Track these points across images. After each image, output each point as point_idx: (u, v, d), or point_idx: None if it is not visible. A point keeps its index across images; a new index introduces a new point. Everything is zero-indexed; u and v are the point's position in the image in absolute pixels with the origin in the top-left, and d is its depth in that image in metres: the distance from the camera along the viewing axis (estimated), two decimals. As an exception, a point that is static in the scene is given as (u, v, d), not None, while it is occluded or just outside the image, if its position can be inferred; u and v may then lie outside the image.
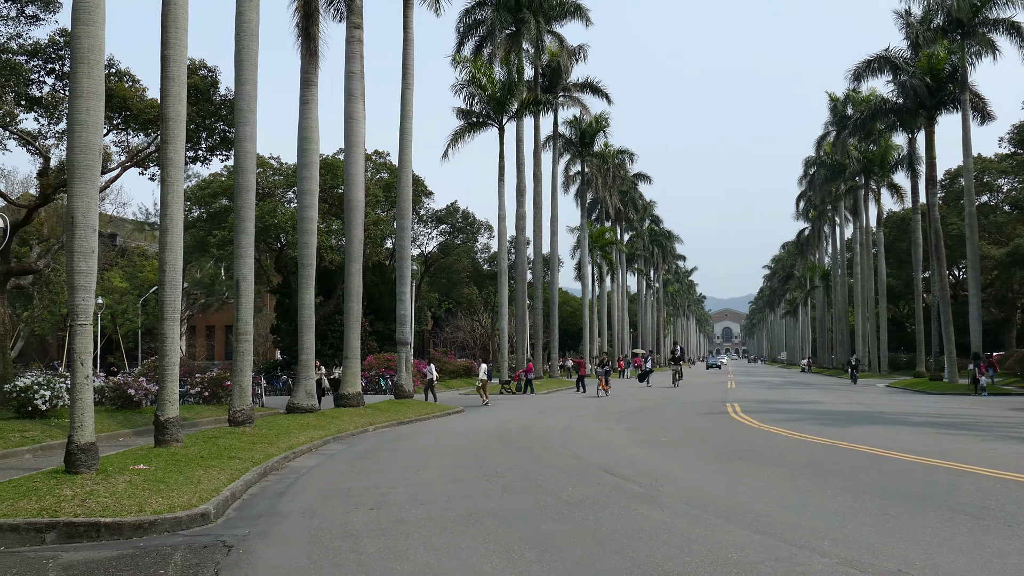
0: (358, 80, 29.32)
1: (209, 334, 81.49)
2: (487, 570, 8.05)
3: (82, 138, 13.24)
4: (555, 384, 53.63)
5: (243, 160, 22.03)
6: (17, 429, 19.84)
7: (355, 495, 12.42)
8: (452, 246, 68.98)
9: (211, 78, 28.13)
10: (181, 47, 17.25)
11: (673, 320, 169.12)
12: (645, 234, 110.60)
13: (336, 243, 48.29)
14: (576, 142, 72.59)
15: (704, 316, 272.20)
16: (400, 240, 34.97)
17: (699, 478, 13.55)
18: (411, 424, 25.98)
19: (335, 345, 44.58)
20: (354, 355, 28.90)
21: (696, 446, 18.25)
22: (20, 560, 9.03)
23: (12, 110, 26.79)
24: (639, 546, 8.83)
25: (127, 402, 25.76)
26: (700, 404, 32.66)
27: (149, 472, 12.87)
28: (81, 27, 13.29)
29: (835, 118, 76.33)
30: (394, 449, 18.74)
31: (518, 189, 55.45)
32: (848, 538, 9.00)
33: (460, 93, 51.41)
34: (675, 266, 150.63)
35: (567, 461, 15.86)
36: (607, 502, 11.35)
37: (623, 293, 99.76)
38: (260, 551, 9.11)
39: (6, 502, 10.59)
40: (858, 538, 9.01)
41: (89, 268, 13.18)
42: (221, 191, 47.55)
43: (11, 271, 26.95)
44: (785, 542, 8.89)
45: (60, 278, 50.70)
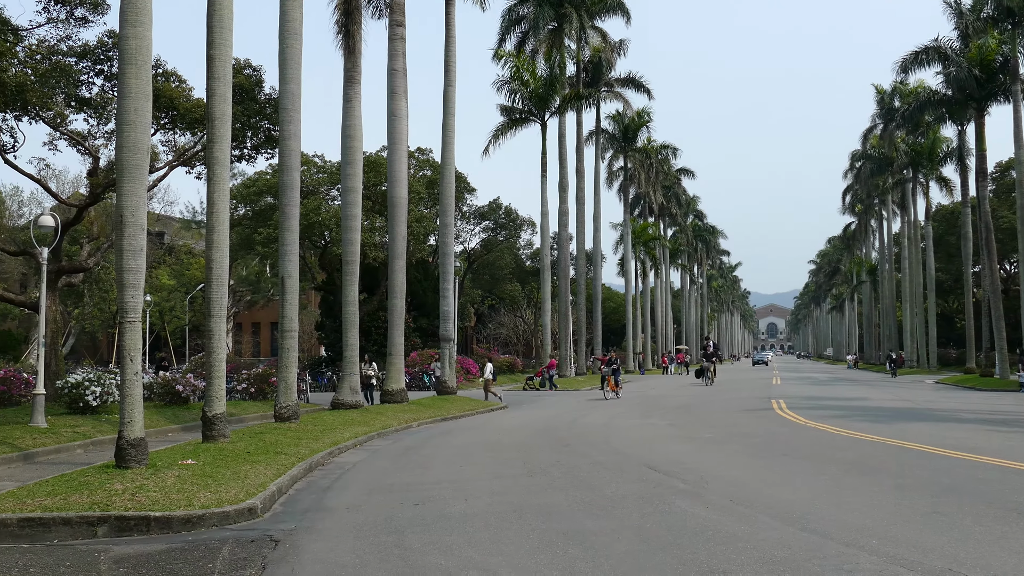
0: (400, 77, 29.44)
1: (255, 331, 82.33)
2: (531, 566, 8.05)
3: (130, 138, 13.43)
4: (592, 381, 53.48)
5: (287, 158, 22.22)
6: (69, 425, 20.18)
7: (399, 490, 12.49)
8: (495, 242, 69.02)
9: (256, 77, 28.37)
10: (226, 47, 17.44)
11: (717, 316, 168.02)
12: (689, 229, 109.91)
13: (380, 240, 48.54)
14: (619, 137, 72.30)
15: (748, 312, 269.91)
16: (443, 237, 35.08)
17: (744, 475, 13.45)
18: (454, 420, 26.06)
19: (379, 341, 44.83)
20: (398, 351, 29.05)
21: (740, 442, 18.11)
22: (73, 553, 9.19)
23: (63, 111, 27.23)
24: (684, 543, 8.79)
25: (175, 398, 26.11)
26: (744, 401, 32.42)
27: (197, 467, 13.03)
28: (129, 28, 13.48)
29: (882, 111, 75.31)
30: (438, 445, 18.81)
31: (560, 185, 55.35)
32: (896, 536, 8.89)
33: (502, 90, 51.46)
34: (719, 261, 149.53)
35: (610, 457, 15.82)
36: (651, 498, 11.31)
37: (666, 289, 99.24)
38: (306, 545, 9.19)
39: (59, 496, 10.78)
40: (907, 536, 8.89)
41: (138, 266, 13.37)
42: (266, 189, 47.98)
43: (62, 269, 27.42)
44: (832, 539, 8.80)
45: (109, 276, 51.51)
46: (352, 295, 26.62)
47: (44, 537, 9.87)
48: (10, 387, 24.56)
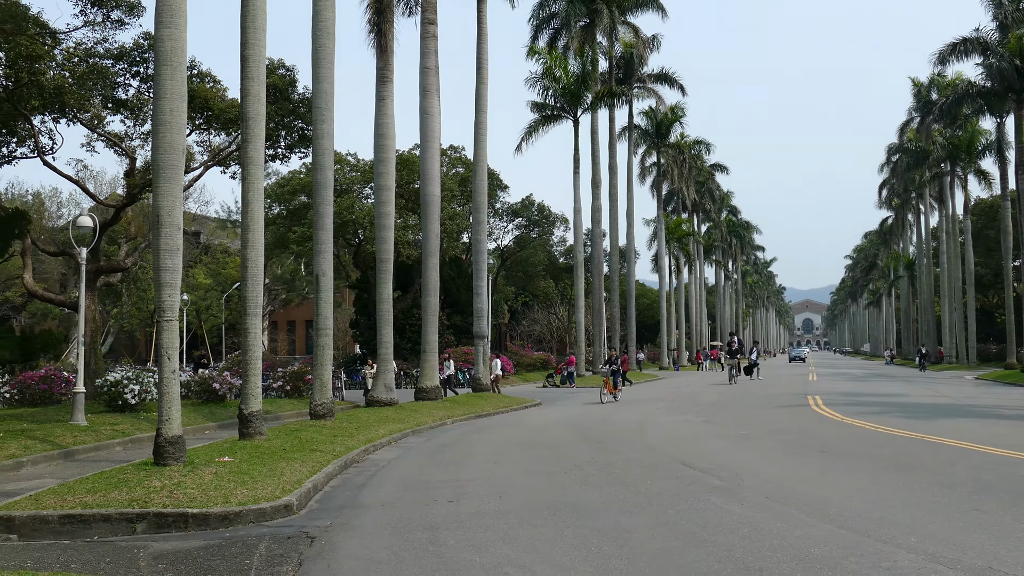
0: (433, 75, 29.50)
1: (290, 329, 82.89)
2: (566, 563, 8.05)
3: (166, 138, 13.57)
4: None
5: (321, 157, 22.33)
6: (108, 422, 20.44)
7: (434, 487, 12.53)
8: (528, 239, 69.00)
9: (289, 77, 28.55)
10: (260, 47, 17.55)
11: (752, 312, 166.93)
12: (723, 225, 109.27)
13: (413, 238, 48.71)
14: (651, 133, 72.02)
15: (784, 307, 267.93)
16: (476, 234, 35.12)
17: (780, 472, 13.36)
18: (489, 417, 26.09)
19: (413, 339, 44.97)
20: (432, 349, 29.13)
21: (776, 439, 17.99)
22: (112, 549, 9.30)
23: (100, 112, 27.57)
24: (719, 540, 8.74)
25: (212, 396, 26.36)
26: (780, 397, 32.19)
27: (234, 464, 13.14)
28: (164, 30, 13.61)
29: (918, 104, 74.45)
30: (472, 442, 18.84)
31: (593, 181, 55.24)
32: (935, 534, 8.79)
33: (534, 86, 51.44)
34: (754, 257, 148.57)
35: (644, 454, 15.77)
36: (686, 495, 11.26)
37: (701, 285, 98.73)
38: (342, 542, 9.25)
39: (99, 493, 10.92)
40: (946, 534, 8.79)
41: (174, 265, 13.50)
42: (300, 188, 48.29)
43: (101, 269, 27.76)
44: (869, 537, 8.71)
45: (147, 275, 52.12)
46: (386, 293, 26.73)
47: (84, 534, 10.00)
48: (51, 385, 24.94)
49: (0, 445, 16.33)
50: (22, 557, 8.92)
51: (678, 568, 7.76)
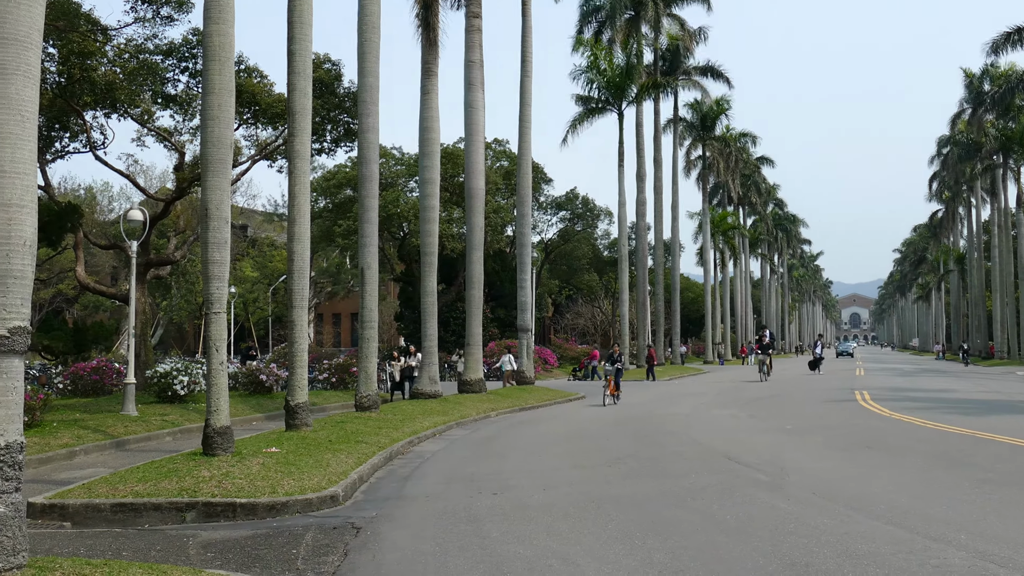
0: (477, 69, 29.52)
1: (335, 321, 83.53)
2: (610, 556, 8.05)
3: (214, 133, 13.73)
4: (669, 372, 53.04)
5: (366, 151, 22.46)
6: (158, 413, 20.76)
7: (478, 480, 12.57)
8: (572, 232, 68.88)
9: (335, 71, 28.72)
10: (306, 42, 17.69)
11: (798, 306, 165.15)
12: (768, 218, 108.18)
13: (457, 231, 48.84)
14: (697, 126, 71.47)
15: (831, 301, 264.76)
16: (520, 227, 35.12)
17: (826, 467, 13.23)
18: (532, 410, 26.11)
19: (457, 332, 45.15)
20: (476, 342, 29.20)
21: (823, 434, 17.81)
22: (163, 537, 9.46)
23: (150, 108, 27.93)
24: (764, 535, 8.69)
25: (259, 387, 26.64)
26: (827, 391, 31.84)
27: (281, 455, 13.29)
28: (212, 25, 13.77)
29: (970, 95, 73.02)
30: (516, 435, 18.88)
31: (638, 175, 54.98)
32: (987, 532, 8.66)
33: (578, 79, 51.24)
34: (800, 250, 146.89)
35: (689, 448, 15.69)
36: (731, 490, 11.20)
37: (746, 279, 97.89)
38: (387, 533, 9.32)
39: (149, 482, 11.11)
40: (998, 532, 8.66)
41: (222, 258, 13.68)
42: (345, 182, 48.63)
43: (151, 262, 28.16)
44: (918, 534, 8.61)
45: (195, 268, 52.75)
46: (430, 286, 26.83)
47: (135, 522, 10.18)
48: (103, 376, 25.36)
49: (54, 434, 16.65)
50: (76, 544, 9.10)
51: (722, 563, 7.73)
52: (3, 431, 6.68)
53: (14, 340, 6.72)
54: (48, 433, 16.66)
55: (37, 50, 6.92)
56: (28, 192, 6.83)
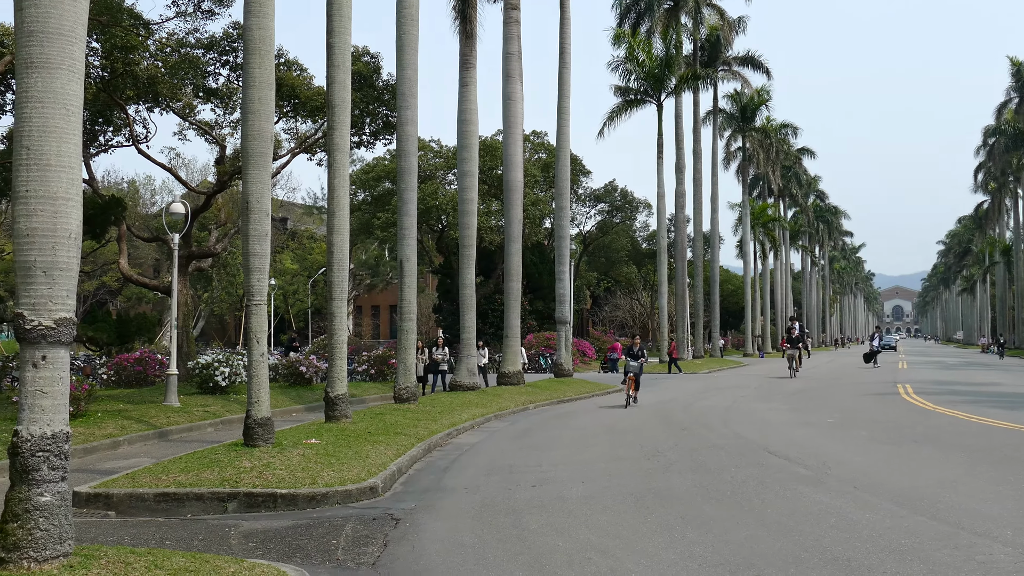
0: (515, 61, 29.48)
1: (374, 313, 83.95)
2: (649, 549, 8.01)
3: (255, 126, 13.83)
4: (709, 364, 52.70)
5: (405, 143, 22.52)
6: (200, 404, 21.00)
7: (517, 472, 12.57)
8: (610, 225, 68.62)
9: (373, 64, 28.79)
10: (345, 35, 17.75)
11: (839, 298, 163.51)
12: (809, 210, 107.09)
13: (495, 223, 48.84)
14: (736, 117, 70.87)
15: (873, 294, 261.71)
16: (558, 219, 35.05)
17: (868, 461, 13.09)
18: (571, 403, 26.07)
19: (495, 324, 45.19)
20: (514, 334, 29.21)
21: (865, 428, 17.61)
22: (205, 527, 9.56)
23: (191, 101, 28.19)
24: (806, 529, 8.61)
25: (299, 379, 26.85)
26: (869, 385, 31.49)
27: (320, 446, 13.37)
28: (252, 19, 13.85)
29: (1017, 84, 71.82)
30: (554, 427, 18.86)
31: (677, 166, 54.65)
32: (1034, 527, 8.52)
33: (617, 70, 50.97)
34: (841, 242, 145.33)
35: (729, 441, 15.58)
36: (771, 484, 11.11)
37: (786, 271, 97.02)
38: (426, 525, 9.35)
39: (191, 472, 11.23)
40: (1045, 528, 8.51)
41: (263, 251, 13.78)
42: (384, 174, 48.79)
43: (192, 254, 28.46)
44: (963, 529, 8.48)
45: (236, 260, 53.22)
46: (469, 278, 26.86)
47: (178, 511, 10.30)
48: (145, 367, 25.70)
49: (98, 425, 16.89)
50: (120, 533, 9.22)
51: (763, 557, 7.66)
52: (49, 421, 6.78)
53: (60, 331, 6.81)
54: (93, 423, 16.91)
55: (82, 45, 6.99)
56: (73, 185, 6.91)
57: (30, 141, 6.76)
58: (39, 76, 6.77)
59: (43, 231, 6.74)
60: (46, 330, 6.75)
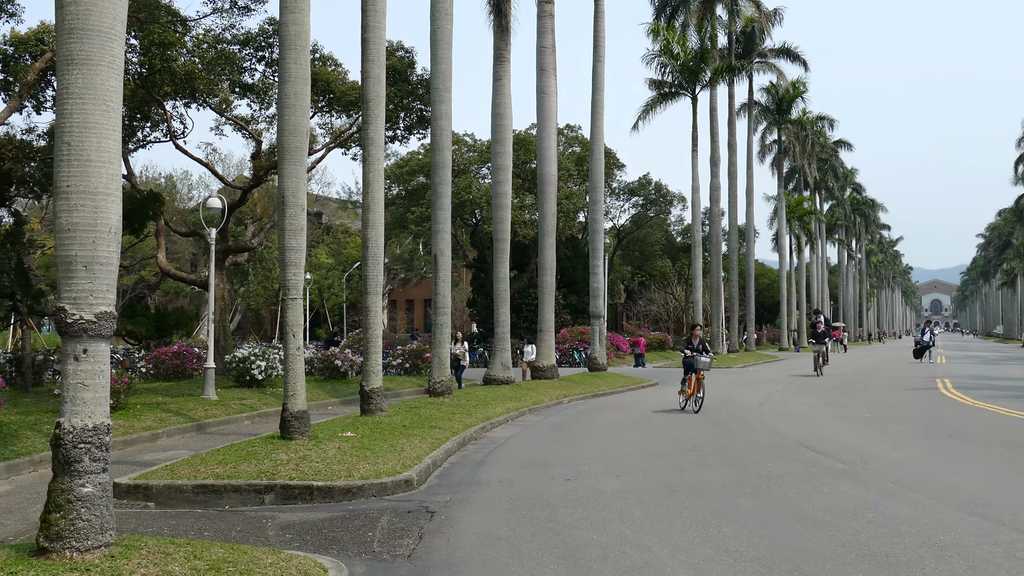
0: (549, 54, 29.42)
1: (409, 307, 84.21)
2: (684, 543, 7.99)
3: (290, 121, 13.92)
4: (745, 359, 52.36)
5: (439, 138, 22.56)
6: (237, 397, 21.20)
7: (551, 466, 12.58)
8: (645, 218, 68.34)
9: (408, 59, 28.86)
10: (380, 30, 17.80)
11: (876, 292, 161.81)
12: (846, 203, 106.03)
13: (529, 217, 48.79)
14: (772, 109, 70.31)
15: (911, 288, 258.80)
16: (592, 213, 34.98)
17: (906, 456, 12.96)
18: (605, 397, 26.04)
19: (529, 318, 45.16)
20: (548, 328, 29.20)
21: (903, 423, 17.44)
22: (243, 518, 9.66)
23: (227, 97, 28.41)
24: (843, 524, 8.54)
25: (334, 372, 27.02)
26: (906, 379, 31.16)
27: (356, 439, 13.45)
28: (288, 15, 13.93)
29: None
30: (589, 421, 18.84)
31: (712, 159, 54.34)
32: (1076, 524, 8.39)
33: (651, 63, 50.73)
34: (879, 236, 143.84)
35: (765, 436, 15.50)
36: (808, 478, 11.03)
37: (823, 265, 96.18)
38: (461, 517, 9.38)
39: (229, 464, 11.34)
40: (1087, 524, 8.38)
41: (299, 245, 13.87)
42: (418, 169, 48.88)
43: (229, 249, 28.71)
44: (1004, 525, 8.38)
45: (272, 255, 53.61)
46: (503, 272, 26.88)
47: (216, 503, 10.41)
48: (183, 361, 25.99)
49: (137, 417, 17.11)
50: (159, 524, 9.34)
51: (799, 552, 7.62)
52: (91, 413, 6.88)
53: (100, 325, 6.90)
54: (132, 416, 17.13)
55: (121, 41, 7.07)
56: (113, 180, 6.99)
57: (71, 137, 6.85)
58: (79, 72, 6.86)
59: (84, 226, 6.82)
60: (87, 324, 6.84)
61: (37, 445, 13.92)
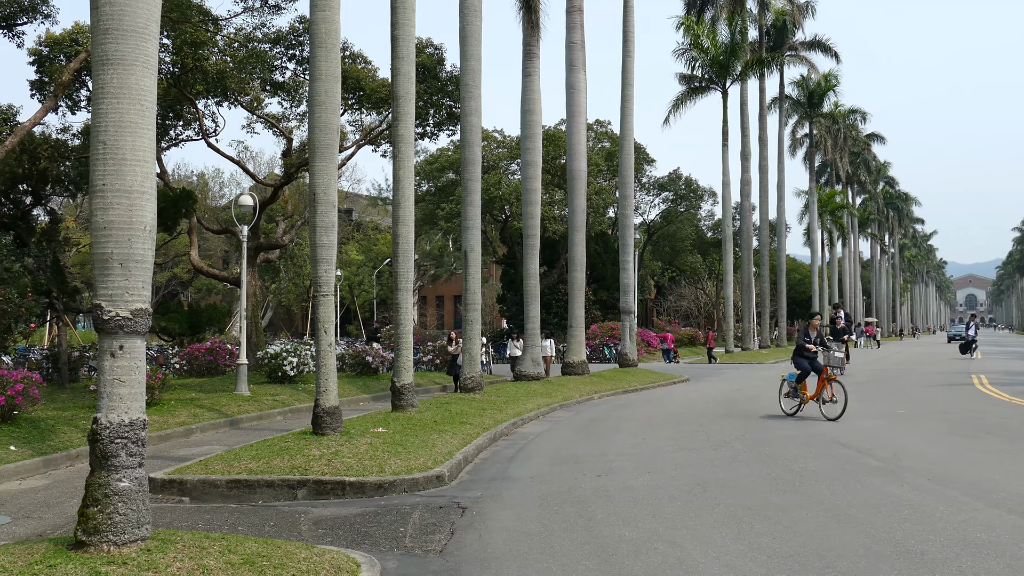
0: (579, 50, 29.37)
1: (439, 304, 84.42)
2: (716, 540, 7.97)
3: (321, 118, 13.99)
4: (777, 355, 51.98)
5: (469, 134, 22.60)
6: (269, 393, 21.36)
7: (582, 461, 12.58)
8: (675, 213, 68.03)
9: (437, 56, 28.92)
10: (409, 27, 17.84)
11: (910, 287, 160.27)
12: (879, 197, 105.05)
13: (559, 213, 48.76)
14: (803, 103, 69.79)
15: (945, 283, 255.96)
16: (622, 209, 34.91)
17: (942, 452, 12.83)
18: (635, 392, 25.98)
19: (559, 314, 45.14)
20: (578, 324, 29.18)
21: (938, 419, 17.26)
22: (276, 513, 9.73)
23: (259, 95, 28.60)
24: (877, 522, 8.48)
25: (365, 368, 27.15)
26: (941, 375, 30.83)
27: (387, 435, 13.51)
28: (318, 13, 14.00)
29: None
30: (619, 417, 18.81)
31: (743, 154, 54.04)
32: (1115, 521, 8.28)
33: (681, 58, 50.59)
34: (912, 230, 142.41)
35: (797, 431, 15.39)
36: (841, 475, 10.95)
37: (855, 259, 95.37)
38: (493, 513, 9.40)
39: (262, 460, 11.43)
40: None
41: (330, 242, 13.95)
42: (448, 165, 48.97)
43: (260, 246, 28.91)
44: (1042, 523, 8.28)
45: (303, 252, 53.97)
46: (533, 268, 26.88)
47: (249, 498, 10.50)
48: (216, 357, 26.21)
49: (171, 413, 17.29)
50: (194, 518, 9.43)
51: (833, 549, 7.57)
52: (127, 409, 6.96)
53: (136, 321, 6.97)
54: (166, 411, 17.31)
55: (155, 41, 7.14)
56: (148, 179, 7.07)
57: (106, 136, 6.92)
58: (115, 72, 6.93)
59: (119, 224, 6.90)
60: (123, 320, 6.92)
61: (74, 440, 14.12)
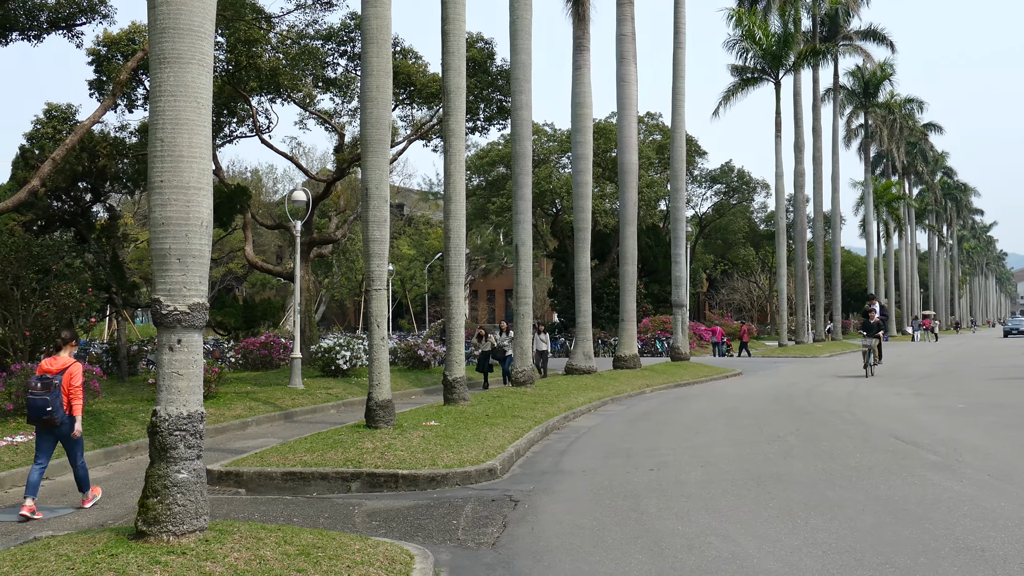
0: (629, 42, 29.21)
1: (490, 298, 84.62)
2: (771, 535, 7.90)
3: (373, 114, 14.09)
4: (831, 348, 51.35)
5: (519, 128, 22.60)
6: (322, 387, 21.58)
7: (634, 455, 12.54)
8: (727, 206, 67.52)
9: (487, 50, 28.96)
10: (460, 21, 17.88)
11: (969, 279, 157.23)
12: (936, 188, 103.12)
13: (610, 206, 48.62)
14: (858, 93, 68.73)
15: (1005, 275, 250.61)
16: (674, 202, 34.68)
17: (1003, 448, 12.59)
18: (688, 386, 25.83)
19: (610, 308, 45.04)
20: (630, 318, 29.06)
21: (997, 414, 16.92)
22: (330, 505, 9.85)
23: (311, 91, 28.89)
24: (936, 517, 8.35)
25: (417, 362, 27.31)
26: (1001, 369, 30.22)
27: (439, 429, 13.59)
28: (370, 9, 14.10)
29: None
30: (672, 411, 18.72)
31: (796, 145, 53.35)
32: None
33: (733, 49, 50.08)
34: (971, 221, 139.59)
35: (852, 427, 15.20)
36: (899, 470, 10.80)
37: (912, 251, 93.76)
38: (545, 506, 9.42)
39: (316, 453, 11.57)
40: None
41: (382, 236, 14.05)
42: (498, 159, 49.07)
43: (313, 241, 29.19)
44: (1106, 520, 8.10)
45: (355, 247, 54.41)
46: (584, 262, 26.82)
47: (304, 490, 10.63)
48: (271, 351, 26.52)
49: (228, 406, 17.55)
50: (250, 510, 9.58)
51: (891, 545, 7.47)
52: (185, 402, 7.08)
53: (194, 316, 7.09)
54: (223, 405, 17.57)
55: (210, 40, 7.24)
56: (204, 175, 7.17)
57: (163, 133, 7.04)
58: (171, 71, 7.04)
59: (177, 220, 7.01)
60: (181, 315, 7.04)
61: (133, 432, 14.39)
